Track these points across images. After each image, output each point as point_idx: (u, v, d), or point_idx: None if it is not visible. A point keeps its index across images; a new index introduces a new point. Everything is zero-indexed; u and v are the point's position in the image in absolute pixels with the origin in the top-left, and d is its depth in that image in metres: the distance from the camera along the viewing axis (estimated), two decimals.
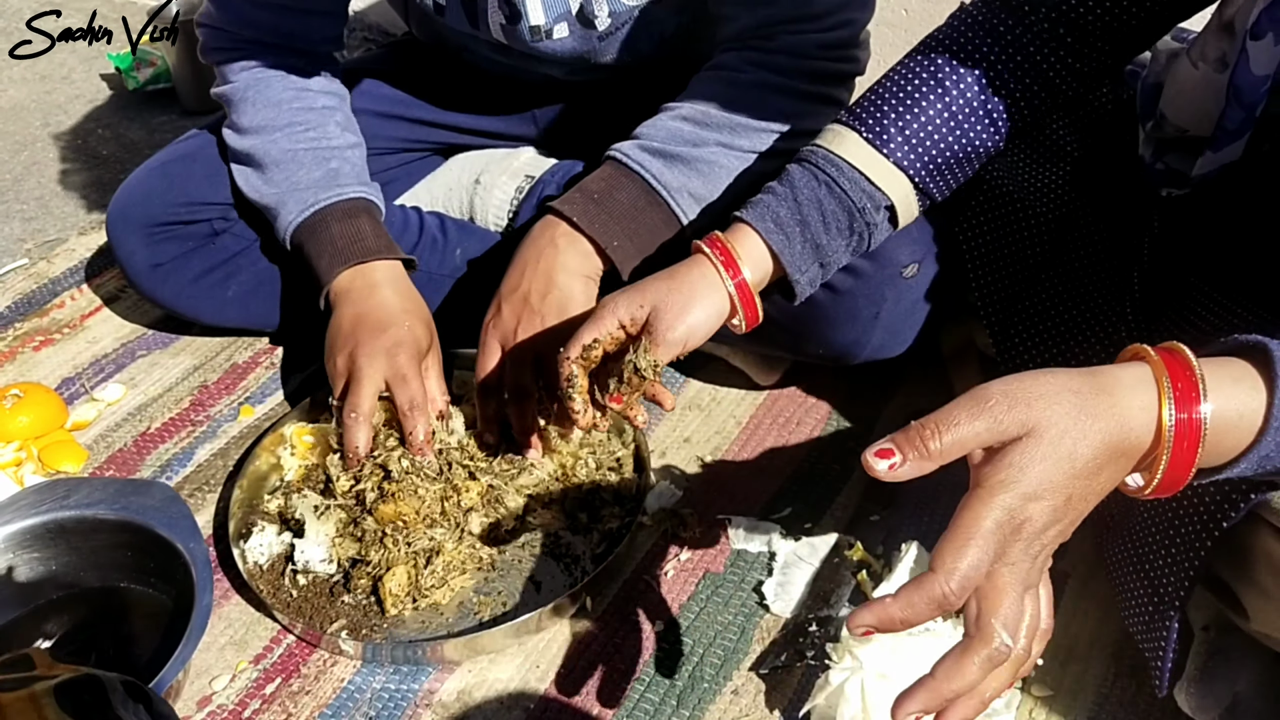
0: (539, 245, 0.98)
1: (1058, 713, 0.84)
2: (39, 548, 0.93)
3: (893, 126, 0.87)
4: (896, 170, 0.87)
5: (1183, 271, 0.85)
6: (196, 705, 0.88)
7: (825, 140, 0.89)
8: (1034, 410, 0.55)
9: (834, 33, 1.00)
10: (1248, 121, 0.77)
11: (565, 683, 0.88)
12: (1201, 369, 0.56)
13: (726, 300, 0.86)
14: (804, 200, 0.87)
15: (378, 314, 1.02)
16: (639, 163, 0.99)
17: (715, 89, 1.01)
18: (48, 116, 1.87)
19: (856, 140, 0.87)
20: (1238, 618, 0.75)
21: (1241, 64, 0.75)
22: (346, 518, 0.95)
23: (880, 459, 0.56)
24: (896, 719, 0.56)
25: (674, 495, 1.05)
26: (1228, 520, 0.68)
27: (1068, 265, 0.94)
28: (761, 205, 0.88)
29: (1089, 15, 0.84)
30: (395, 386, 0.98)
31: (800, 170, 0.89)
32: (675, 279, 0.86)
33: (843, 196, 0.87)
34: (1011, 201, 0.98)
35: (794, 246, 0.87)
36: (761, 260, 0.87)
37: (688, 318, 0.84)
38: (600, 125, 1.24)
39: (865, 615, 0.56)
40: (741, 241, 0.87)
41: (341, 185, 1.09)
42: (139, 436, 1.17)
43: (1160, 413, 0.56)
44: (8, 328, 1.34)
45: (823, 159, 0.88)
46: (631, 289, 0.86)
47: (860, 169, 0.87)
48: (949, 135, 0.87)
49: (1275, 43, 0.73)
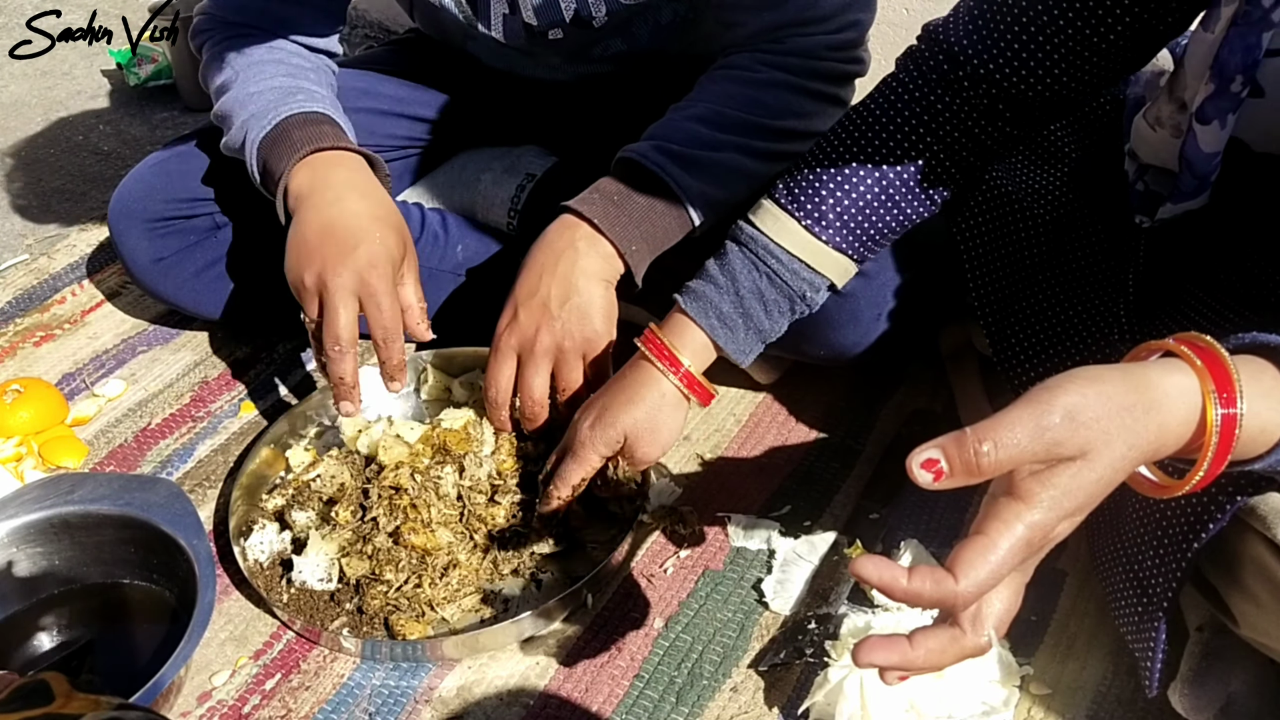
0: (556, 248, 0.96)
1: (1056, 711, 0.84)
2: (42, 542, 0.93)
3: (830, 211, 0.87)
4: (835, 252, 0.89)
5: (1177, 275, 0.86)
6: (197, 700, 0.88)
7: (763, 223, 0.89)
8: (1093, 434, 0.52)
9: (841, 34, 1.00)
10: (1201, 187, 0.77)
11: (565, 680, 0.89)
12: (1237, 370, 0.55)
13: (680, 397, 0.91)
14: (745, 293, 0.89)
15: (346, 225, 0.97)
16: (658, 165, 0.97)
17: (728, 88, 1.01)
18: (49, 112, 1.87)
19: (794, 227, 0.88)
20: (1229, 622, 0.75)
21: (1191, 140, 0.75)
22: (352, 537, 0.94)
23: (925, 470, 0.52)
24: (858, 662, 0.55)
25: (674, 493, 1.05)
26: (1214, 522, 0.68)
27: (1065, 267, 0.94)
28: (704, 300, 0.90)
29: (1029, 91, 0.83)
30: (370, 311, 0.95)
31: (740, 258, 0.90)
32: (635, 398, 0.90)
33: (783, 286, 0.89)
34: (1009, 203, 0.98)
35: (738, 337, 0.90)
36: (704, 349, 0.91)
37: (659, 439, 0.91)
38: (603, 123, 1.24)
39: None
40: (681, 335, 0.90)
41: (310, 103, 1.06)
42: (140, 432, 1.17)
43: (1207, 416, 0.54)
44: (8, 323, 1.34)
45: (762, 249, 0.89)
46: (599, 414, 0.90)
47: (799, 256, 0.88)
48: (883, 211, 0.88)
49: (1221, 127, 0.73)
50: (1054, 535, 0.54)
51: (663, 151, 0.98)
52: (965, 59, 0.83)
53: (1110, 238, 0.93)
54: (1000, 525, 0.53)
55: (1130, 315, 0.87)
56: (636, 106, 1.14)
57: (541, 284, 0.95)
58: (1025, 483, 0.53)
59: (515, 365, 0.97)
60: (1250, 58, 0.70)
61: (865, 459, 1.08)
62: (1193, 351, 0.56)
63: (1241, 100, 0.72)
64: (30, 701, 0.58)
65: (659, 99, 1.06)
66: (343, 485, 0.99)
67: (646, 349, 0.91)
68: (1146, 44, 0.80)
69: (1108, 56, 0.80)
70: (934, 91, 0.86)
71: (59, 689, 0.59)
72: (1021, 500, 0.53)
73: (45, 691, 0.59)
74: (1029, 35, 0.81)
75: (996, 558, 0.52)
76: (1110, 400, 0.53)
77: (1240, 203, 0.79)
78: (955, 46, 0.84)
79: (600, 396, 0.92)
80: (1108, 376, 0.54)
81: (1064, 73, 0.81)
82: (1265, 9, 0.67)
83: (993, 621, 0.56)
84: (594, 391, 0.94)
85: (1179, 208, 0.80)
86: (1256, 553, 0.69)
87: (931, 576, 0.52)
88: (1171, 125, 0.81)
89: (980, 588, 0.52)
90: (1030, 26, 0.81)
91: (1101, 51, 0.80)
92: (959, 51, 0.84)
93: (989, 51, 0.83)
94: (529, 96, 1.26)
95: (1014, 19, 0.81)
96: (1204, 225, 0.82)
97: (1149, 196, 0.86)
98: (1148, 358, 0.58)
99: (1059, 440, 0.52)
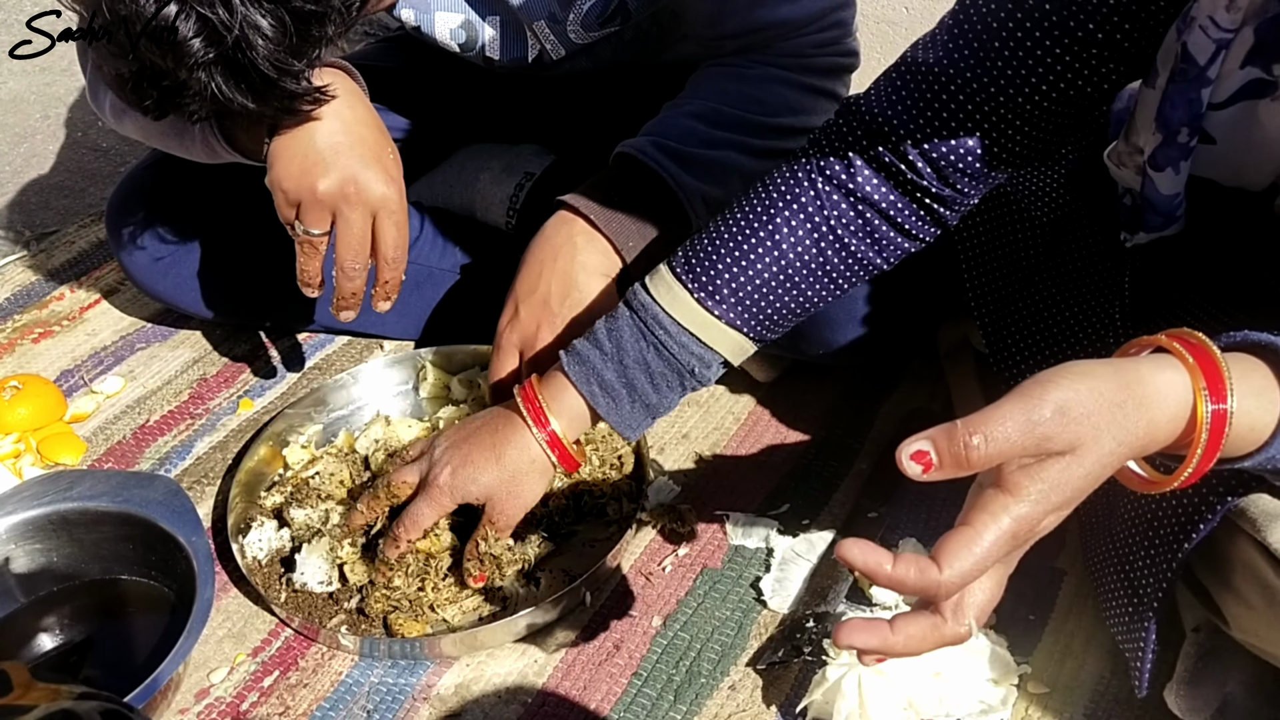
0: (554, 244, 0.96)
1: (1053, 710, 0.84)
2: (41, 539, 0.93)
3: (724, 287, 0.83)
4: (729, 329, 0.85)
5: (1171, 277, 0.86)
6: (194, 698, 0.88)
7: (656, 291, 0.85)
8: (1083, 429, 0.52)
9: (827, 33, 1.01)
10: (1168, 221, 0.76)
11: (563, 677, 0.89)
12: (1229, 367, 0.55)
13: (546, 461, 0.87)
14: (630, 364, 0.85)
15: (361, 135, 0.90)
16: (657, 162, 0.97)
17: (724, 84, 1.01)
18: (48, 109, 1.87)
19: (687, 299, 0.84)
20: (1221, 624, 0.75)
21: (1148, 184, 0.74)
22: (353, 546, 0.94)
23: (914, 461, 0.52)
24: (837, 642, 0.56)
25: (672, 491, 1.05)
26: (1205, 523, 0.68)
27: (1061, 268, 0.94)
28: (587, 364, 0.85)
29: (958, 161, 0.78)
30: (385, 228, 0.92)
31: (630, 324, 0.85)
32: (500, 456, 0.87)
33: (671, 359, 0.85)
34: (1007, 203, 0.98)
35: (622, 409, 0.86)
36: (579, 416, 0.87)
37: (520, 503, 0.88)
38: (600, 120, 1.24)
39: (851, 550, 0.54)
40: (558, 397, 0.86)
41: None
42: (138, 429, 1.17)
43: (1197, 413, 0.54)
44: (6, 320, 1.34)
45: (652, 318, 0.84)
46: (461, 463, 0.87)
47: (691, 330, 0.84)
48: (781, 292, 0.83)
49: (1175, 173, 0.72)
50: (1040, 528, 0.54)
51: (660, 148, 0.98)
52: (890, 129, 0.78)
53: (1106, 240, 0.93)
54: (986, 517, 0.53)
55: (1125, 316, 0.87)
56: (633, 101, 1.14)
57: (541, 280, 0.95)
58: (1013, 475, 0.53)
59: (518, 362, 0.97)
60: (1193, 112, 0.69)
61: (863, 457, 1.09)
62: (1184, 348, 0.56)
63: (1191, 149, 0.71)
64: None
65: (655, 94, 1.06)
66: (342, 482, 0.99)
67: (521, 401, 0.87)
68: (1078, 112, 0.76)
69: (1038, 124, 0.76)
70: (848, 170, 0.81)
71: (18, 679, 0.58)
72: (1009, 493, 0.53)
73: (4, 682, 0.58)
74: (957, 104, 0.76)
75: (981, 549, 0.52)
76: (1101, 396, 0.53)
77: (1218, 227, 0.79)
78: (879, 117, 0.79)
79: (465, 439, 0.89)
80: (1099, 372, 0.54)
81: (994, 143, 0.77)
82: (1201, 66, 0.67)
83: (974, 611, 0.56)
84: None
85: (1152, 237, 0.80)
86: (1247, 555, 0.69)
87: (916, 564, 0.53)
88: (1134, 166, 0.79)
89: (964, 578, 0.53)
90: (959, 95, 0.76)
91: (1032, 120, 0.75)
92: (883, 122, 0.78)
93: (914, 121, 0.77)
94: (520, 91, 1.26)
95: (941, 88, 0.76)
96: (1186, 245, 0.81)
97: (1134, 211, 0.86)
98: (1139, 353, 0.58)
99: (1049, 435, 0.52)
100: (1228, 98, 0.69)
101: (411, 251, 1.21)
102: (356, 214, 0.91)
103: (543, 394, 0.87)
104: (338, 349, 1.27)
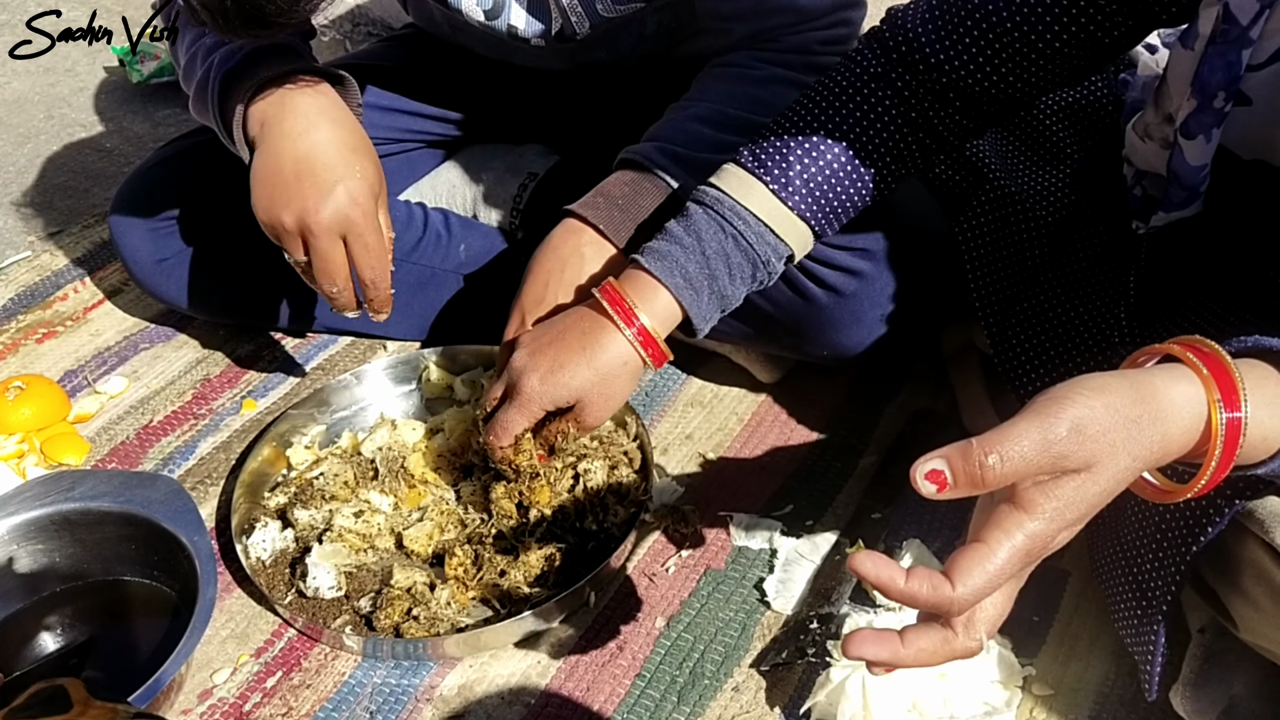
0: (562, 255, 0.95)
1: (1058, 712, 0.84)
2: (43, 539, 0.93)
3: (797, 177, 0.87)
4: (799, 220, 0.88)
5: (1178, 277, 0.86)
6: (198, 698, 0.88)
7: (729, 185, 0.89)
8: (1099, 447, 0.52)
9: (834, 30, 1.02)
10: (1191, 197, 0.77)
11: (566, 678, 0.89)
12: (1241, 376, 0.55)
13: (637, 359, 0.88)
14: (711, 254, 0.87)
15: (323, 159, 0.91)
16: (664, 170, 0.97)
17: (729, 86, 1.01)
18: (51, 109, 1.87)
19: (763, 191, 0.87)
20: (1229, 626, 0.75)
21: (1177, 154, 0.75)
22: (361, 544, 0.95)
23: (929, 481, 0.52)
24: (847, 653, 0.56)
25: (676, 492, 1.05)
26: (1213, 525, 0.68)
27: (1066, 269, 0.94)
28: (669, 258, 0.87)
29: (976, 86, 0.85)
30: (357, 251, 0.92)
31: (705, 218, 0.88)
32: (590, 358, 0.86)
33: (748, 250, 0.88)
34: (1011, 204, 0.98)
35: (701, 299, 0.88)
36: (666, 310, 0.88)
37: (611, 404, 0.89)
38: (604, 120, 1.24)
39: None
40: (642, 293, 0.88)
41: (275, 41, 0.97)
42: (141, 429, 1.17)
43: (1212, 424, 0.54)
44: (10, 320, 1.34)
45: (729, 210, 0.88)
46: (551, 368, 0.86)
47: (766, 222, 0.88)
48: (846, 182, 0.88)
49: (1207, 141, 0.73)
50: (1053, 544, 0.54)
51: (667, 155, 0.98)
52: (919, 45, 0.85)
53: (1111, 240, 0.93)
54: (1000, 534, 0.52)
55: (1131, 318, 0.87)
56: (637, 102, 1.14)
57: (549, 292, 0.95)
58: (1028, 492, 0.53)
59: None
60: (1231, 74, 0.69)
61: (867, 459, 1.08)
62: (1197, 358, 0.55)
63: (1225, 115, 0.72)
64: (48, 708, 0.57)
65: (659, 95, 1.06)
66: (346, 483, 0.99)
67: (604, 299, 0.87)
68: (1093, 55, 0.82)
69: (1053, 61, 0.83)
70: (894, 70, 0.87)
71: (76, 696, 0.58)
72: (1023, 510, 0.52)
73: (63, 698, 0.58)
74: (980, 32, 0.83)
75: (995, 566, 0.52)
76: (1117, 412, 0.53)
77: (1234, 210, 0.79)
78: (912, 33, 0.86)
79: (550, 343, 0.88)
80: (1114, 386, 0.54)
81: (1010, 72, 0.84)
82: (1243, 27, 0.67)
83: (986, 625, 0.56)
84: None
85: (1171, 217, 0.80)
86: (1255, 557, 0.69)
87: (929, 580, 0.53)
88: (1159, 137, 0.81)
89: (977, 595, 0.52)
90: (982, 24, 0.83)
91: (1047, 56, 0.82)
92: (914, 38, 0.86)
93: (942, 43, 0.85)
94: (526, 87, 1.25)
95: (967, 14, 0.83)
96: (1200, 232, 0.82)
97: (1147, 201, 0.86)
98: (1147, 361, 0.58)
99: (1065, 454, 0.51)
100: (1268, 58, 0.69)
101: (414, 253, 1.21)
102: (322, 241, 0.92)
103: (627, 292, 0.88)
104: (341, 349, 1.27)
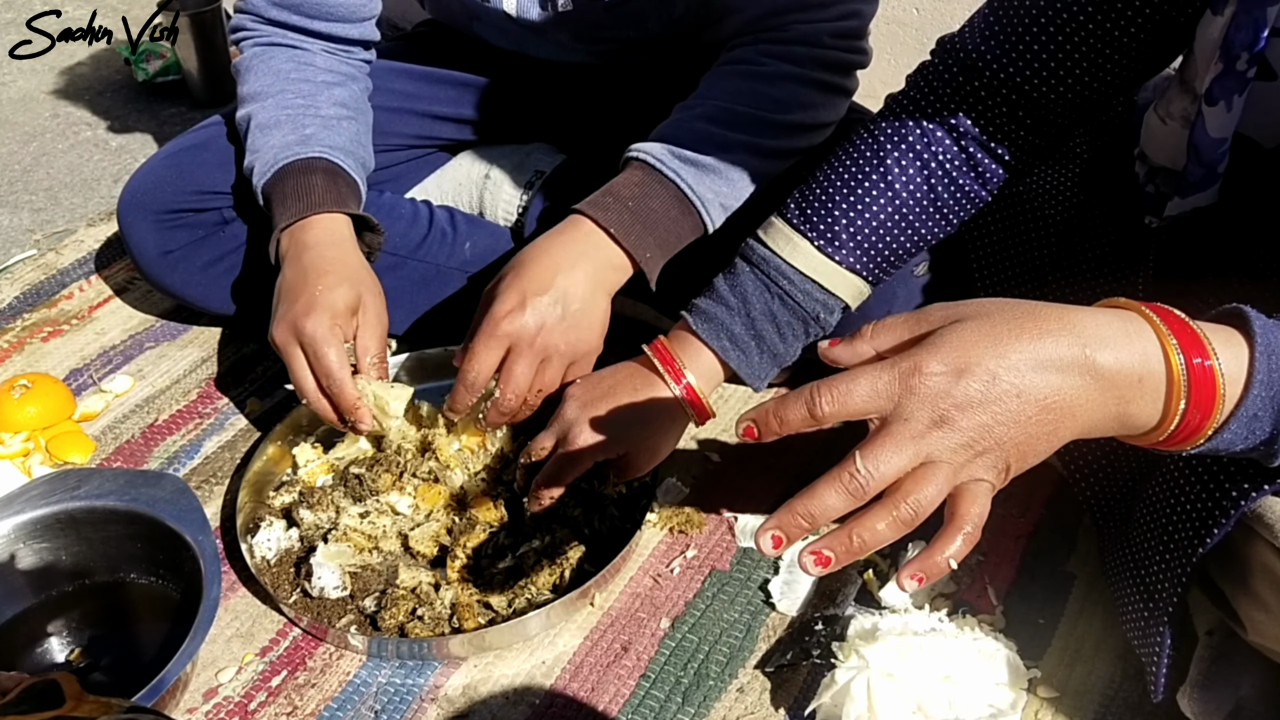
0: (571, 252, 0.95)
1: (1063, 714, 0.84)
2: (49, 538, 0.93)
3: (844, 232, 0.87)
4: (848, 273, 0.88)
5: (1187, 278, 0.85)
6: (203, 697, 0.88)
7: (774, 243, 0.88)
8: (967, 308, 0.55)
9: (843, 22, 1.01)
10: (1210, 177, 0.77)
11: (571, 679, 0.89)
12: (1197, 323, 0.57)
13: (684, 416, 0.91)
14: (757, 315, 0.88)
15: (290, 284, 0.98)
16: (673, 170, 0.97)
17: (735, 84, 1.01)
18: (57, 107, 1.88)
19: (807, 248, 0.87)
20: (1238, 628, 0.75)
21: (1199, 125, 0.75)
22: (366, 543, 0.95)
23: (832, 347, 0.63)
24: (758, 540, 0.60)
25: (681, 493, 1.05)
26: (1219, 527, 0.68)
27: (1074, 268, 0.94)
28: (715, 321, 0.89)
29: (1051, 94, 0.83)
30: (310, 360, 0.95)
31: (752, 278, 0.89)
32: (641, 414, 0.89)
33: (796, 308, 0.88)
34: (1020, 203, 0.98)
35: (751, 360, 0.90)
36: (710, 370, 0.90)
37: (657, 457, 0.93)
38: (611, 119, 1.24)
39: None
40: (688, 353, 0.90)
41: (309, 146, 1.06)
42: (147, 428, 1.17)
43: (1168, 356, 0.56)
44: (16, 318, 1.34)
45: (775, 270, 0.88)
46: (604, 423, 0.88)
47: (812, 277, 0.87)
48: (897, 232, 0.87)
49: (1228, 109, 0.73)
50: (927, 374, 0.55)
51: (674, 155, 0.97)
52: (984, 65, 0.83)
53: (1120, 240, 0.93)
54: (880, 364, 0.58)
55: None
56: (646, 100, 1.14)
57: (555, 284, 0.93)
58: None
59: (503, 354, 0.93)
60: (1257, 31, 0.69)
61: None
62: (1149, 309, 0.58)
63: (1248, 81, 0.71)
64: (40, 703, 0.57)
65: (668, 92, 1.05)
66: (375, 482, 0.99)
67: (655, 357, 0.90)
68: (1168, 39, 0.80)
69: (1129, 53, 0.80)
70: (954, 99, 0.85)
71: (70, 690, 0.58)
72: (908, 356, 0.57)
73: (56, 693, 0.58)
74: (1048, 36, 0.81)
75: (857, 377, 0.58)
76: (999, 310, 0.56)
77: (1249, 201, 0.79)
78: (974, 54, 0.83)
79: (602, 397, 0.90)
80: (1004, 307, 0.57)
81: (1085, 72, 0.81)
82: None
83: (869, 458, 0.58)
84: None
85: (1187, 203, 0.80)
86: (1265, 559, 0.68)
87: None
88: (1181, 116, 0.80)
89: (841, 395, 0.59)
90: (1049, 27, 0.80)
91: (1123, 47, 0.80)
92: (977, 58, 0.83)
93: (1008, 55, 0.82)
94: (540, 81, 1.25)
95: (1032, 20, 0.81)
96: (1213, 224, 0.81)
97: (1159, 198, 0.86)
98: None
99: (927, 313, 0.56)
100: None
101: (419, 250, 1.21)
102: (284, 355, 0.96)
103: (676, 352, 0.90)
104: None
